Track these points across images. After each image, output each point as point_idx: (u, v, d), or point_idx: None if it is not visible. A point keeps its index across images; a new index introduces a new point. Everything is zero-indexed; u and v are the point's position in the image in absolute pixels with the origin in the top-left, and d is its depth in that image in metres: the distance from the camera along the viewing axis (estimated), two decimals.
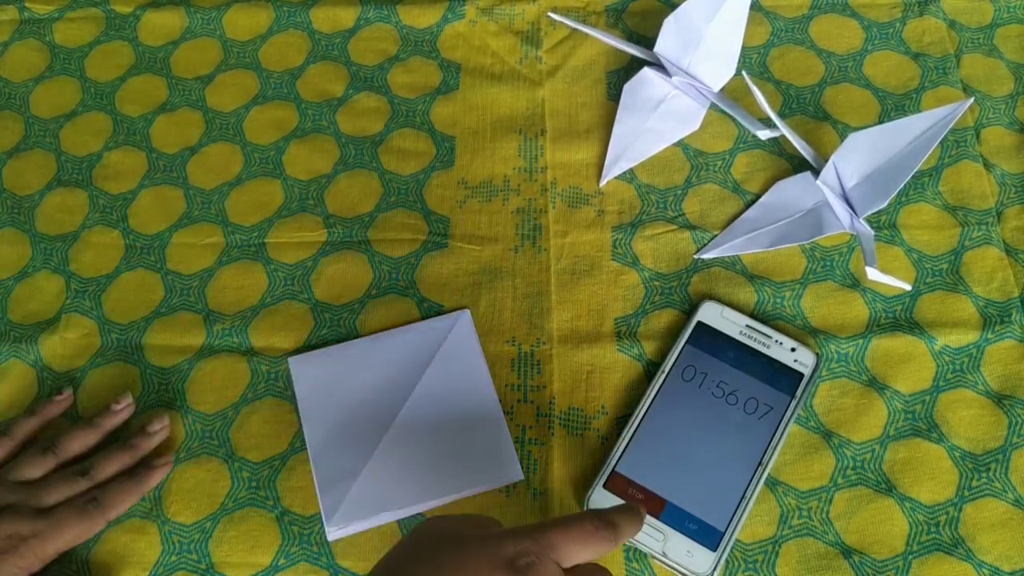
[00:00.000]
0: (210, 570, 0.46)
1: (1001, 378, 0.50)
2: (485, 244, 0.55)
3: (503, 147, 0.58)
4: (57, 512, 0.45)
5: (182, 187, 0.58)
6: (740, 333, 0.50)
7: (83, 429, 0.48)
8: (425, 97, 0.61)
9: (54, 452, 0.47)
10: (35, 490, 0.45)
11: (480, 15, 0.64)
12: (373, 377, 0.50)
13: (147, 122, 0.60)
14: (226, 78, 0.62)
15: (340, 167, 0.58)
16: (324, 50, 0.63)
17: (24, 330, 0.53)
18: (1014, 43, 0.62)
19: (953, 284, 0.53)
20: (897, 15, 0.63)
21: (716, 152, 0.58)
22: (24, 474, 0.46)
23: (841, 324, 0.52)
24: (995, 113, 0.59)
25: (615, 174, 0.57)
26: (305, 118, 0.60)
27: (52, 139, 0.60)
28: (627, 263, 0.54)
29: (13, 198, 0.57)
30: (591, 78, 0.61)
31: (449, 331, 0.52)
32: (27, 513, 0.44)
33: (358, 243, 0.55)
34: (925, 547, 0.46)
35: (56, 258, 0.55)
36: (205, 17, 0.64)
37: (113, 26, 0.64)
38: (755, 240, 0.54)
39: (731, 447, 0.47)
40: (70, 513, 0.45)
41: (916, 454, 0.48)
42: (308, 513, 0.47)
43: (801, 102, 0.60)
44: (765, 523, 0.46)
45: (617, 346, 0.51)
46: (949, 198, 0.56)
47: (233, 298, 0.53)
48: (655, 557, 0.45)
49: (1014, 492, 0.47)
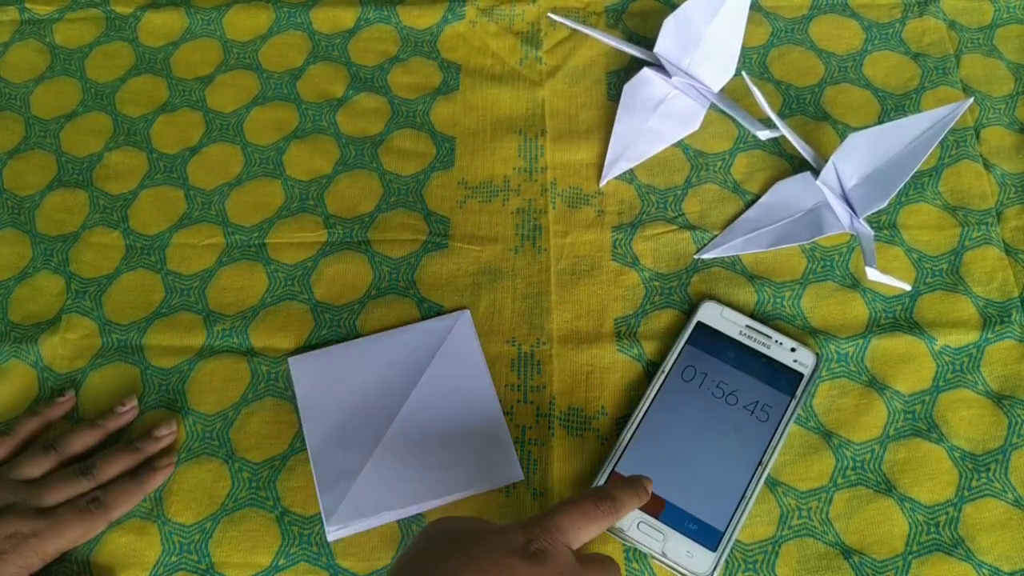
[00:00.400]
0: (210, 570, 0.46)
1: (1001, 378, 0.50)
2: (485, 244, 0.55)
3: (503, 147, 0.58)
4: (58, 512, 0.44)
5: (182, 187, 0.58)
6: (740, 333, 0.51)
7: (85, 429, 0.48)
8: (425, 98, 0.61)
9: (56, 451, 0.47)
10: (36, 489, 0.45)
11: (480, 16, 0.64)
12: (373, 377, 0.50)
13: (147, 123, 0.60)
14: (226, 79, 0.62)
15: (340, 167, 0.58)
16: (324, 51, 0.63)
17: (24, 331, 0.53)
18: (1014, 43, 0.62)
19: (953, 284, 0.53)
20: (897, 15, 0.63)
21: (716, 152, 0.58)
22: (25, 472, 0.46)
23: (841, 324, 0.52)
24: (995, 113, 0.59)
25: (615, 174, 0.57)
26: (305, 119, 0.60)
27: (52, 140, 0.60)
28: (627, 263, 0.54)
29: (14, 198, 0.57)
30: (591, 78, 0.61)
31: (449, 331, 0.52)
32: (28, 512, 0.44)
33: (358, 243, 0.55)
34: (925, 547, 0.46)
35: (56, 258, 0.55)
36: (205, 18, 0.64)
37: (113, 27, 0.64)
38: (755, 240, 0.54)
39: (731, 447, 0.47)
40: (72, 513, 0.45)
41: (916, 454, 0.48)
42: (308, 513, 0.47)
43: (801, 102, 0.60)
44: (765, 523, 0.46)
45: (617, 346, 0.51)
46: (949, 198, 0.56)
47: (233, 298, 0.53)
48: (655, 557, 0.45)
49: (1014, 492, 0.47)
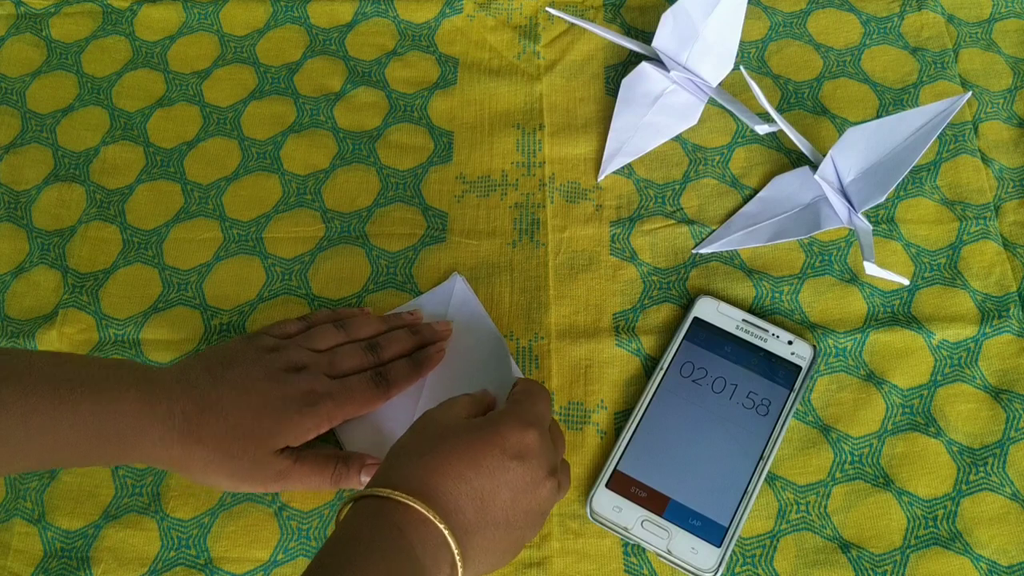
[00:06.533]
0: (209, 565, 0.46)
1: (999, 372, 0.50)
2: (483, 239, 0.55)
3: (501, 142, 0.58)
4: (348, 379, 0.47)
5: (180, 182, 0.57)
6: (737, 328, 0.51)
7: (372, 319, 0.51)
8: (423, 92, 0.61)
9: (344, 330, 0.49)
10: (328, 357, 0.48)
11: (478, 10, 0.63)
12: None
13: (144, 117, 0.60)
14: (223, 73, 0.62)
15: (338, 162, 0.58)
16: (322, 45, 0.63)
17: (21, 325, 0.53)
18: (1012, 38, 0.62)
19: (951, 278, 0.53)
20: (895, 9, 0.63)
21: (714, 147, 0.58)
22: (317, 343, 0.48)
23: (839, 319, 0.52)
24: (993, 108, 0.59)
25: (613, 169, 0.57)
26: (303, 113, 0.60)
27: (49, 134, 0.59)
28: (625, 258, 0.54)
29: (10, 193, 0.57)
30: (589, 73, 0.61)
31: (449, 300, 0.52)
32: (321, 375, 0.46)
33: (356, 238, 0.55)
34: (923, 541, 0.46)
35: (53, 253, 0.55)
36: (202, 12, 0.64)
37: (110, 21, 0.64)
38: (753, 235, 0.54)
39: (732, 442, 0.47)
40: (360, 380, 0.47)
41: (914, 448, 0.48)
42: (307, 508, 0.47)
43: (799, 97, 0.60)
44: (763, 518, 0.47)
45: (615, 341, 0.51)
46: (947, 192, 0.56)
47: (231, 293, 0.53)
48: (659, 555, 0.45)
49: (1011, 486, 0.47)
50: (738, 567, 0.45)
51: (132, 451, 0.41)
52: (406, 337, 0.50)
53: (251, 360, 0.45)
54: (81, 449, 0.40)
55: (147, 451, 0.41)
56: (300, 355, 0.47)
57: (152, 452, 0.41)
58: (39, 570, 0.46)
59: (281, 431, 0.43)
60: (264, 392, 0.44)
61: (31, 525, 0.47)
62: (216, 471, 0.43)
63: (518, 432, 0.39)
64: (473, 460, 0.38)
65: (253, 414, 0.43)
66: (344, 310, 0.52)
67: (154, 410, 0.41)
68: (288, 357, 0.46)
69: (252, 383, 0.44)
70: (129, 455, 0.41)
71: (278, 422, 0.43)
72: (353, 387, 0.47)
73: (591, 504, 0.46)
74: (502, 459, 0.38)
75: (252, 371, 0.44)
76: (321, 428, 0.45)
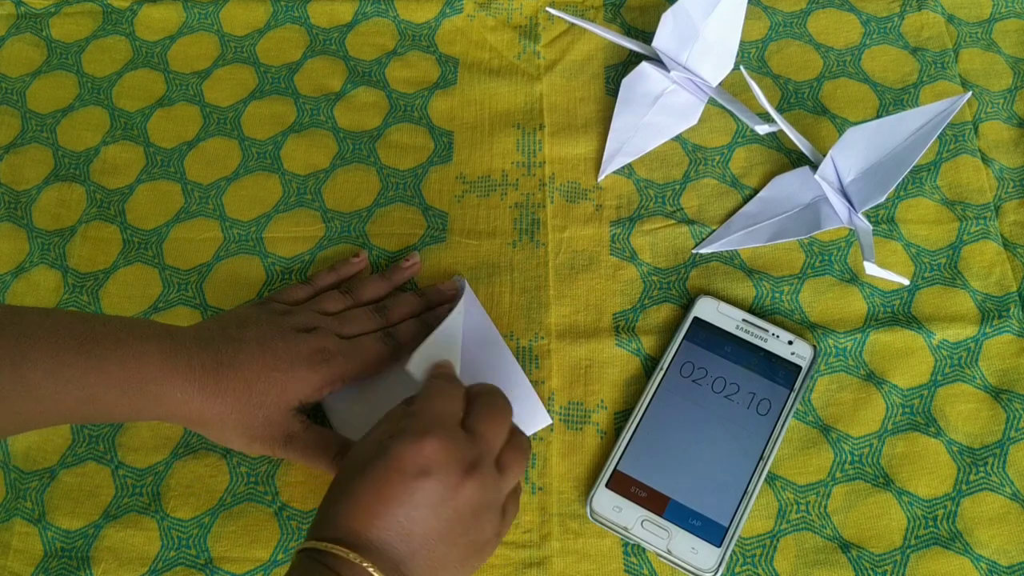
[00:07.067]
0: (209, 565, 0.46)
1: (999, 372, 0.50)
2: (483, 239, 0.55)
3: (501, 142, 0.58)
4: (358, 338, 0.48)
5: (180, 182, 0.57)
6: (737, 328, 0.51)
7: (375, 280, 0.52)
8: (423, 92, 0.61)
9: (351, 295, 0.51)
10: (337, 319, 0.49)
11: (478, 9, 0.63)
12: (399, 377, 0.48)
13: (144, 117, 0.60)
14: (223, 73, 0.62)
15: (338, 162, 0.58)
16: (322, 45, 0.63)
17: None
18: (1012, 38, 0.62)
19: (951, 278, 0.53)
20: (895, 9, 0.63)
21: (714, 147, 0.58)
22: (326, 307, 0.49)
23: (839, 319, 0.52)
24: (993, 108, 0.59)
25: (613, 169, 0.57)
26: (303, 113, 0.60)
27: (49, 134, 0.59)
28: (625, 258, 0.54)
29: (10, 193, 0.57)
30: (589, 73, 0.61)
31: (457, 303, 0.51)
32: (332, 335, 0.47)
33: (356, 238, 0.55)
34: (923, 541, 0.46)
35: (53, 253, 0.55)
36: (202, 12, 0.64)
37: (110, 21, 0.64)
38: (753, 235, 0.54)
39: (732, 442, 0.47)
40: (370, 340, 0.48)
41: (914, 448, 0.48)
42: (307, 508, 0.47)
43: (799, 96, 0.60)
44: (763, 517, 0.47)
45: (616, 341, 0.51)
46: (947, 192, 0.56)
47: (231, 293, 0.53)
48: (659, 555, 0.45)
49: (1011, 486, 0.47)
50: (738, 567, 0.45)
51: (154, 405, 0.42)
52: (413, 299, 0.51)
53: (264, 321, 0.47)
54: (107, 402, 0.41)
55: (167, 406, 0.42)
56: (311, 317, 0.48)
57: (172, 407, 0.42)
58: (39, 570, 0.46)
59: (294, 387, 0.45)
60: (277, 350, 0.45)
61: (31, 525, 0.47)
62: (232, 427, 0.44)
63: (412, 448, 0.36)
64: (378, 494, 0.36)
65: (267, 370, 0.44)
66: (344, 268, 0.53)
67: (176, 364, 0.42)
68: (299, 319, 0.47)
69: (266, 341, 0.45)
70: (151, 409, 0.42)
71: (291, 378, 0.44)
72: (363, 346, 0.48)
73: (591, 504, 0.46)
74: (404, 483, 0.36)
75: (266, 331, 0.46)
76: (334, 385, 0.46)
